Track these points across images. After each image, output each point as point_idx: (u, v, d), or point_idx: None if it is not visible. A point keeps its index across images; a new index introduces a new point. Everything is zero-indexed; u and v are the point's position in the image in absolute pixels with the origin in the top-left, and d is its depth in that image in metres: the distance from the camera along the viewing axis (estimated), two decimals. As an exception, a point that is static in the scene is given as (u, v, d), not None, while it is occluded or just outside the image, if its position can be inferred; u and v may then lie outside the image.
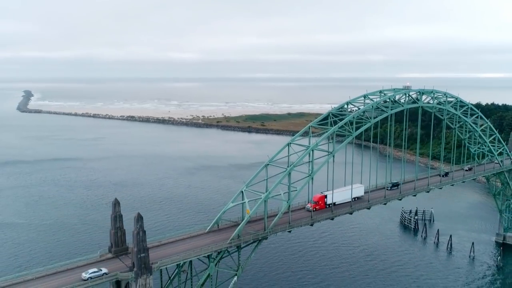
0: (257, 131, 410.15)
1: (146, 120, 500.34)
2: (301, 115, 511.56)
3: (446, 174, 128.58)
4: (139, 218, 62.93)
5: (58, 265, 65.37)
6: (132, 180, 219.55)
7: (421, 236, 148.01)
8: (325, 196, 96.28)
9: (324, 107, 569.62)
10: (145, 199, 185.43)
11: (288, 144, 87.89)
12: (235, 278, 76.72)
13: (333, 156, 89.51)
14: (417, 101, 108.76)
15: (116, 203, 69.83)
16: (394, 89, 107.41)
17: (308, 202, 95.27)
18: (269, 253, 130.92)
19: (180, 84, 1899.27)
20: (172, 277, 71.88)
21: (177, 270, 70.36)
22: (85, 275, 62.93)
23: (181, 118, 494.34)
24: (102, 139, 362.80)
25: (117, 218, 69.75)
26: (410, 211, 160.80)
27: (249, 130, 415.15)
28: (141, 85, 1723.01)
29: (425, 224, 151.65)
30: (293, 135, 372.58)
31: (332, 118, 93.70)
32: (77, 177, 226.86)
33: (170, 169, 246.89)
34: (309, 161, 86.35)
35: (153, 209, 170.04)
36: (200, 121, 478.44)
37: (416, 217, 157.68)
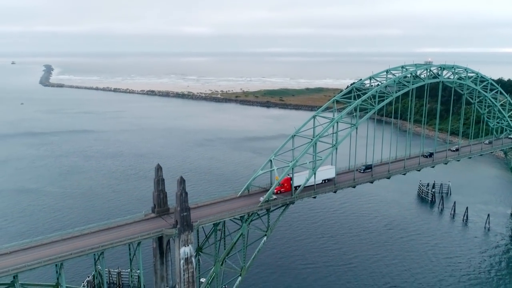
0: (276, 106, 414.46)
1: (166, 94, 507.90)
2: (319, 90, 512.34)
3: (431, 154, 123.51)
4: (182, 181, 69.70)
5: (109, 222, 73.04)
6: (157, 152, 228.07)
7: (438, 208, 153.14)
8: (291, 178, 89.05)
9: (342, 82, 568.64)
10: (170, 170, 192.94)
11: (314, 117, 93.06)
12: (265, 238, 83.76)
13: (356, 128, 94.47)
14: (438, 76, 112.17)
15: (159, 168, 76.76)
16: (415, 64, 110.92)
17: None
18: (295, 219, 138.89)
19: (194, 58, 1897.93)
20: (208, 235, 79.23)
21: (213, 228, 77.53)
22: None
23: (200, 93, 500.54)
24: (125, 112, 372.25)
25: (159, 181, 76.82)
26: (428, 184, 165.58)
27: (267, 105, 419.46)
28: (156, 59, 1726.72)
29: (442, 197, 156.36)
30: (311, 110, 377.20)
31: (356, 92, 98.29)
32: (104, 149, 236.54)
33: (192, 142, 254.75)
34: (333, 133, 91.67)
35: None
36: (219, 95, 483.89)
37: (433, 190, 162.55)
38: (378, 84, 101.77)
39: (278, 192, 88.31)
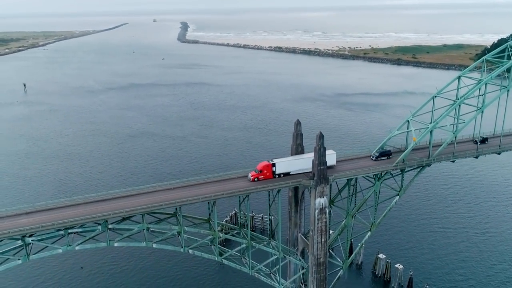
0: (408, 64, 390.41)
1: (293, 51, 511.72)
2: (459, 46, 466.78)
3: (486, 140, 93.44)
4: (321, 136, 73.35)
5: (235, 172, 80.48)
6: (286, 108, 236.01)
7: None
8: (273, 165, 77.78)
9: (487, 38, 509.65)
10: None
11: (459, 77, 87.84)
12: (397, 197, 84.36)
13: (508, 91, 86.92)
14: None
15: (298, 123, 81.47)
16: None
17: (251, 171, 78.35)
18: (430, 182, 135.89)
19: (315, 13, 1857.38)
20: (341, 189, 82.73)
21: (347, 183, 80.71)
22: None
23: (327, 49, 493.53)
24: (254, 68, 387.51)
25: (298, 135, 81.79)
26: None
27: (398, 62, 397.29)
28: (277, 15, 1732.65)
29: None
30: (448, 69, 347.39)
31: (510, 50, 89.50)
32: (237, 103, 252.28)
33: (318, 100, 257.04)
34: (480, 95, 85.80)
35: (309, 137, 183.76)
36: (346, 52, 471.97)
37: None
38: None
39: (255, 179, 76.54)
